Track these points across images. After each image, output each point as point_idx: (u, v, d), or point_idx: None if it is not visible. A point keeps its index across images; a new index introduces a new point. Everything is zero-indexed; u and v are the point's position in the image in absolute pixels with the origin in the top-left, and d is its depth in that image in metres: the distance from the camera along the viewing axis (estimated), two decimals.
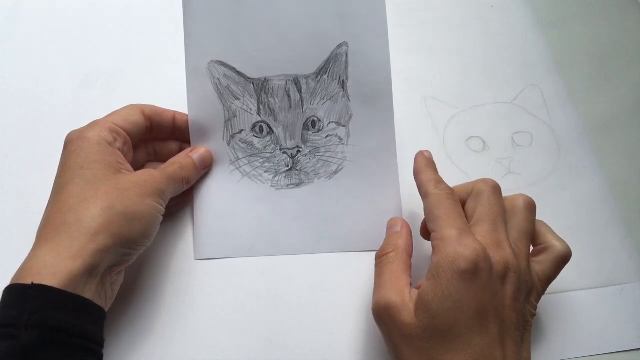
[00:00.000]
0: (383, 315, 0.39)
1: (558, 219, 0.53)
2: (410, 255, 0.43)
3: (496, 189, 0.44)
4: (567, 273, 0.51)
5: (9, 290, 0.36)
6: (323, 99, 0.49)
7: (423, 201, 0.43)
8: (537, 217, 0.54)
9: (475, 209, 0.43)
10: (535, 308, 0.42)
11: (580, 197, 0.55)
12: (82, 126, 0.44)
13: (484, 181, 0.44)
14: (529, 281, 0.41)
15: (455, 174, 0.55)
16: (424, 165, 0.46)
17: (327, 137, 0.50)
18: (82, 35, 0.60)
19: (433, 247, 0.39)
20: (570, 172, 0.57)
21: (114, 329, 0.44)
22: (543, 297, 0.43)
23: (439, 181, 0.44)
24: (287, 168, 0.50)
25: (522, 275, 0.40)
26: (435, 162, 0.55)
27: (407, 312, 0.38)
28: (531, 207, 0.44)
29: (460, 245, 0.38)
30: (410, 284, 0.41)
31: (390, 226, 0.47)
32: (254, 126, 0.49)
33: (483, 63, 0.63)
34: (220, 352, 0.45)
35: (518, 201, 0.44)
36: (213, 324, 0.46)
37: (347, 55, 0.49)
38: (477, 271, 0.37)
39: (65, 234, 0.37)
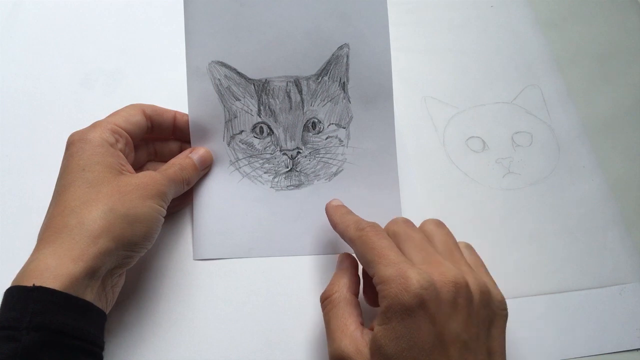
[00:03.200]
0: None
1: (558, 219, 0.54)
2: (355, 293, 0.42)
3: (407, 222, 0.43)
4: (567, 273, 0.51)
5: (11, 292, 0.36)
6: (323, 100, 0.49)
7: (352, 248, 0.42)
8: (537, 218, 0.54)
9: (398, 247, 0.41)
10: (500, 307, 0.41)
11: (580, 197, 0.55)
12: (82, 126, 0.44)
13: (393, 222, 0.43)
14: (483, 285, 0.40)
15: (455, 174, 0.56)
16: (338, 214, 0.45)
17: (327, 138, 0.50)
18: (82, 35, 0.60)
19: (377, 291, 0.38)
20: (570, 172, 0.57)
21: (113, 330, 0.44)
22: (543, 297, 0.43)
23: (358, 222, 0.43)
24: (287, 169, 0.50)
25: (471, 285, 0.39)
26: (435, 162, 0.56)
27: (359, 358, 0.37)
28: (441, 224, 0.43)
29: (401, 282, 0.36)
30: (362, 324, 0.40)
31: (338, 262, 0.45)
32: (254, 127, 0.49)
33: (483, 63, 0.63)
34: (220, 353, 0.45)
35: (428, 225, 0.43)
36: (212, 324, 0.46)
37: (348, 57, 0.49)
38: (423, 303, 0.36)
39: (67, 237, 0.37)
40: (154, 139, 0.50)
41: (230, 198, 0.50)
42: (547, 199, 0.55)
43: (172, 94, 0.50)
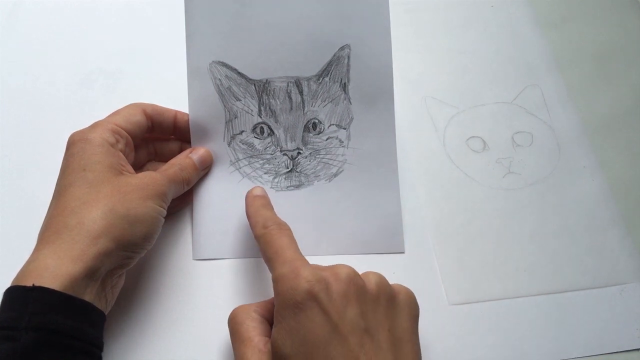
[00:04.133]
0: None
1: (558, 219, 0.54)
2: (262, 314, 0.41)
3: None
4: (567, 273, 0.51)
5: (10, 291, 0.36)
6: (324, 101, 0.49)
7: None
8: (537, 218, 0.54)
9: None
10: (406, 301, 0.40)
11: (580, 197, 0.55)
12: (82, 126, 0.44)
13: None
14: (381, 280, 0.40)
15: (455, 174, 0.56)
16: (253, 207, 0.45)
17: (327, 139, 0.50)
18: (82, 35, 0.60)
19: (273, 290, 0.39)
20: (570, 172, 0.57)
21: (113, 329, 0.44)
22: (543, 297, 0.43)
23: (267, 219, 0.43)
24: (287, 170, 0.50)
25: (369, 281, 0.39)
26: (435, 162, 0.56)
27: None
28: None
29: (292, 279, 0.37)
30: (269, 336, 0.39)
31: None
32: (254, 127, 0.49)
33: (483, 63, 0.63)
34: (220, 353, 0.45)
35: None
36: (212, 324, 0.46)
37: (349, 57, 0.49)
38: (314, 296, 0.36)
39: (67, 237, 0.37)
40: (154, 138, 0.50)
41: (230, 198, 0.50)
42: (547, 199, 0.55)
43: (172, 94, 0.50)
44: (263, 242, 0.41)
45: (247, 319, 0.40)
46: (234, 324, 0.40)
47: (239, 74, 0.48)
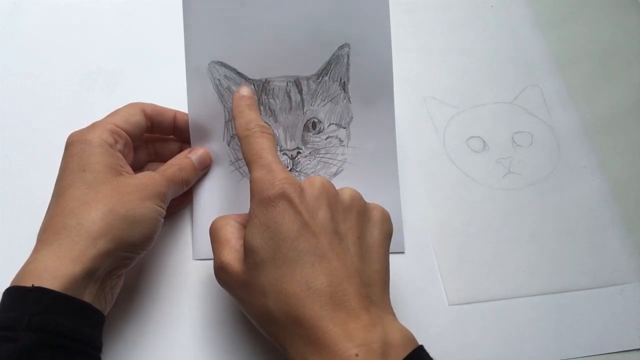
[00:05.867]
0: (220, 275, 0.40)
1: (558, 219, 0.54)
2: (239, 222, 0.42)
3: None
4: (567, 273, 0.51)
5: (9, 292, 0.36)
6: (324, 100, 0.49)
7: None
8: (537, 218, 0.54)
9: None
10: (379, 216, 0.41)
11: (580, 197, 0.55)
12: (82, 126, 0.44)
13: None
14: (355, 194, 0.41)
15: (455, 174, 0.56)
16: (239, 108, 0.45)
17: (327, 138, 0.50)
18: (82, 35, 0.60)
19: (250, 192, 0.39)
20: (570, 172, 0.57)
21: (112, 330, 0.44)
22: (543, 297, 0.43)
23: (251, 120, 0.43)
24: (287, 169, 0.50)
25: (342, 192, 0.40)
26: (435, 162, 0.56)
27: (237, 264, 0.38)
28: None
29: (267, 179, 0.38)
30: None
31: None
32: None
33: (483, 63, 0.63)
34: (220, 353, 0.45)
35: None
36: (211, 324, 0.46)
37: (348, 56, 0.48)
38: (286, 194, 0.37)
39: (66, 238, 0.37)
40: (154, 139, 0.50)
41: (230, 198, 0.50)
42: (547, 199, 0.55)
43: (172, 94, 0.50)
44: (245, 143, 0.42)
45: (225, 225, 0.41)
46: (214, 229, 0.42)
47: (238, 73, 0.48)
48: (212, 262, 0.46)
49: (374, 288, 0.37)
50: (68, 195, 0.40)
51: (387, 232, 0.41)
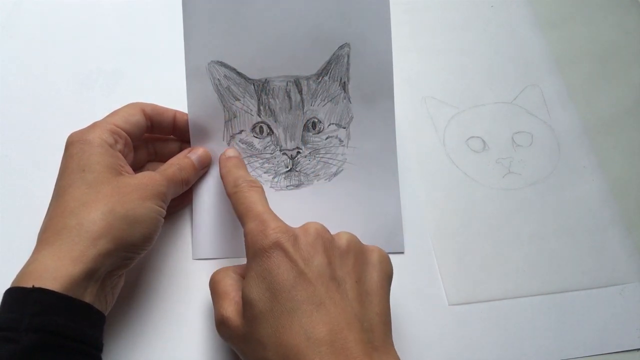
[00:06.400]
0: (221, 329, 0.39)
1: (558, 219, 0.54)
2: (239, 274, 0.42)
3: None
4: (567, 273, 0.51)
5: (10, 293, 0.36)
6: (324, 100, 0.49)
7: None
8: (537, 218, 0.54)
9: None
10: (378, 260, 0.40)
11: (580, 197, 0.55)
12: (82, 126, 0.44)
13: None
14: (352, 238, 0.40)
15: (455, 174, 0.56)
16: (226, 168, 0.46)
17: (327, 138, 0.50)
18: (82, 35, 0.60)
19: (244, 245, 0.39)
20: (570, 172, 0.57)
21: (112, 330, 0.44)
22: (543, 297, 0.43)
23: (239, 177, 0.44)
24: (287, 169, 0.50)
25: (339, 237, 0.40)
26: (435, 162, 0.56)
27: (236, 318, 0.38)
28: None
29: (261, 231, 0.38)
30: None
31: None
32: (254, 127, 0.49)
33: (483, 63, 0.63)
34: (220, 353, 0.45)
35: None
36: (211, 324, 0.46)
37: (348, 56, 0.48)
38: (280, 244, 0.37)
39: (66, 238, 0.37)
40: (154, 139, 0.50)
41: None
42: (547, 199, 0.55)
43: (171, 93, 0.50)
44: (234, 200, 0.42)
45: (225, 278, 0.41)
46: (214, 283, 0.41)
47: (238, 73, 0.48)
48: (211, 262, 0.45)
49: (376, 333, 0.37)
50: (68, 195, 0.40)
51: (387, 274, 0.40)
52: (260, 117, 0.49)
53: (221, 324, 0.39)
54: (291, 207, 0.50)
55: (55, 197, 0.41)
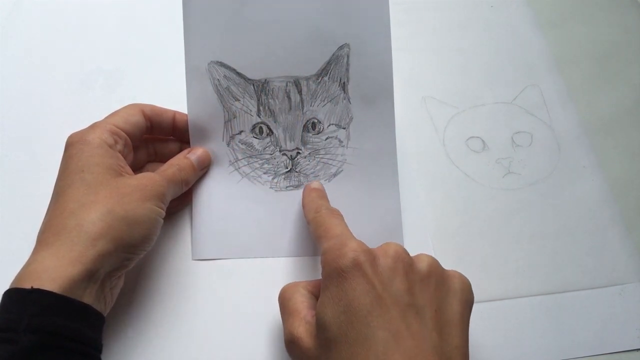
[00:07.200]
0: (291, 347, 0.38)
1: (558, 219, 0.54)
2: (310, 290, 0.41)
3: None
4: (567, 273, 0.51)
5: (9, 294, 0.36)
6: (323, 100, 0.49)
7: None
8: (537, 218, 0.54)
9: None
10: (460, 287, 0.39)
11: (580, 197, 0.55)
12: (82, 127, 0.44)
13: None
14: (434, 263, 0.39)
15: (455, 174, 0.56)
16: (309, 197, 0.46)
17: (327, 139, 0.50)
18: (82, 35, 0.60)
19: (321, 264, 0.38)
20: (570, 172, 0.57)
21: (112, 330, 0.44)
22: (543, 297, 0.43)
23: (321, 205, 0.44)
24: (287, 170, 0.50)
25: (419, 261, 0.38)
26: (435, 162, 0.56)
27: (308, 339, 0.37)
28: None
29: (339, 249, 0.37)
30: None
31: None
32: (253, 127, 0.49)
33: (483, 63, 0.63)
34: (220, 353, 0.45)
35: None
36: (211, 324, 0.46)
37: (348, 57, 0.48)
38: (359, 264, 0.35)
39: (66, 239, 0.37)
40: (153, 139, 0.50)
41: (229, 198, 0.50)
42: (547, 199, 0.55)
43: (171, 94, 0.50)
44: (315, 223, 0.42)
45: (295, 294, 0.40)
46: (283, 299, 0.41)
47: (238, 74, 0.48)
48: (211, 262, 0.46)
49: None
50: (67, 196, 0.40)
51: (468, 303, 0.39)
52: (259, 117, 0.49)
53: (291, 343, 0.38)
54: (291, 207, 0.50)
55: (55, 198, 0.41)
